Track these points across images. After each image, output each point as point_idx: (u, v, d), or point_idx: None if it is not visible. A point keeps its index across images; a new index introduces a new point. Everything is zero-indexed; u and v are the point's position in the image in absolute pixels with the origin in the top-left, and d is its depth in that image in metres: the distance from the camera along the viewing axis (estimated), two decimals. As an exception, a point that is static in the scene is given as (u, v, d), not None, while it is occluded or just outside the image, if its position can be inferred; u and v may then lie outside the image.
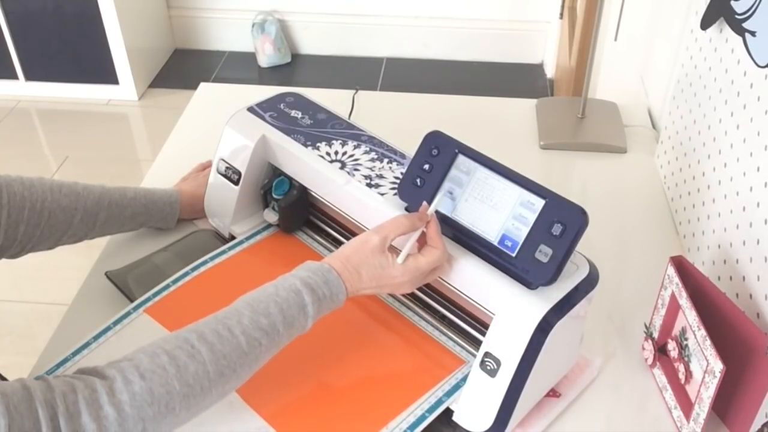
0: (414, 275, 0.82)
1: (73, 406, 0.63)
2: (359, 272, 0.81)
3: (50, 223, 0.93)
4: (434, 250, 0.83)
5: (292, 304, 0.77)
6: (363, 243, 0.82)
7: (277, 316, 0.76)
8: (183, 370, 0.69)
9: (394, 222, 0.83)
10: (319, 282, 0.79)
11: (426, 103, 1.52)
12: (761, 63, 0.89)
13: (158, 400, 0.67)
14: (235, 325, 0.74)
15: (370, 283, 0.82)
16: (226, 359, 0.72)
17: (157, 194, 1.08)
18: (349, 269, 0.81)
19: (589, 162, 1.33)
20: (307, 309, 0.78)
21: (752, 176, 0.91)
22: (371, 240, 0.82)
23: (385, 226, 0.83)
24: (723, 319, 0.83)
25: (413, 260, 0.82)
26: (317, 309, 0.78)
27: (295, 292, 0.78)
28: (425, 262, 0.82)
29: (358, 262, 0.81)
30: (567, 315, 0.78)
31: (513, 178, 0.82)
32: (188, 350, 0.70)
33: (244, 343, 0.73)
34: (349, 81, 2.98)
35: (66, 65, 2.95)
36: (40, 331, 2.06)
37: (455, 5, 3.12)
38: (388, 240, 0.82)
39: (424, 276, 0.84)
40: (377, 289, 0.83)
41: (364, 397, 0.86)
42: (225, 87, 1.59)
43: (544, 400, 0.88)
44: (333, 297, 0.80)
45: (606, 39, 1.88)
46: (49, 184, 0.94)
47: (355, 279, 0.81)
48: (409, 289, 0.85)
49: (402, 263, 0.82)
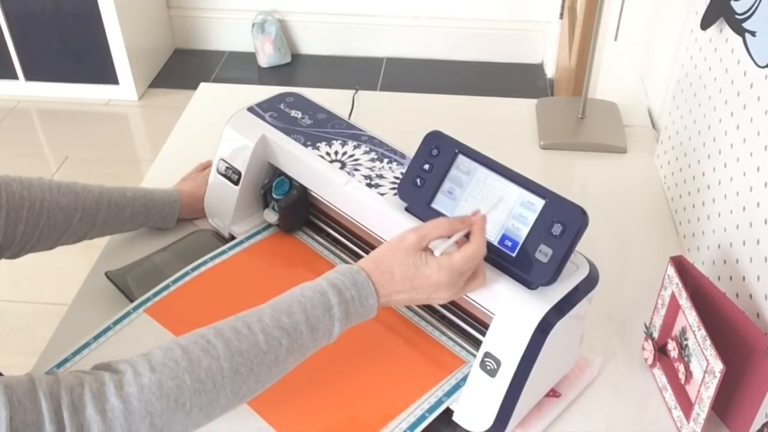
0: (450, 275, 0.77)
1: (79, 399, 0.62)
2: (392, 272, 0.78)
3: (49, 223, 0.93)
4: (470, 244, 0.78)
5: (316, 305, 0.74)
6: (399, 242, 0.79)
7: (300, 315, 0.73)
8: (195, 365, 0.67)
9: (434, 223, 0.80)
10: (347, 283, 0.76)
11: (426, 103, 1.52)
12: (761, 63, 0.89)
13: (167, 394, 0.65)
14: (254, 322, 0.71)
15: (403, 285, 0.78)
16: (242, 356, 0.69)
17: (157, 194, 1.08)
18: (381, 269, 0.78)
19: (589, 162, 1.33)
20: (333, 311, 0.74)
21: (752, 176, 0.91)
22: (408, 238, 0.79)
23: (424, 225, 0.80)
24: (723, 319, 0.83)
25: (447, 257, 0.77)
26: (344, 312, 0.75)
27: (321, 293, 0.75)
28: (460, 257, 0.77)
29: (392, 261, 0.78)
30: (567, 315, 0.78)
31: (513, 178, 0.82)
32: (203, 345, 0.68)
33: (263, 341, 0.70)
34: (349, 81, 2.98)
35: (66, 65, 2.95)
36: (40, 331, 2.06)
37: (455, 5, 3.12)
38: (425, 239, 0.78)
39: (462, 279, 0.78)
40: (412, 293, 0.79)
41: (364, 397, 0.86)
42: (225, 87, 1.59)
43: (544, 400, 0.88)
44: (362, 300, 0.76)
45: (606, 39, 1.88)
46: (48, 183, 0.94)
47: (387, 280, 0.78)
48: (445, 294, 0.79)
49: (436, 259, 0.77)
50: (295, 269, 1.03)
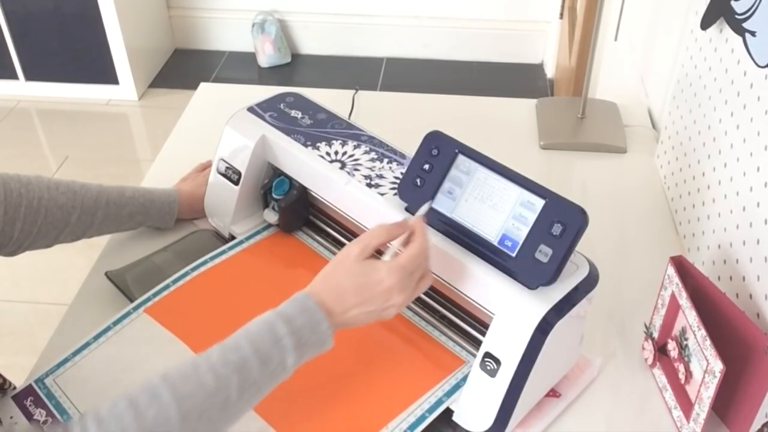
0: (400, 276, 0.76)
1: None
2: (342, 287, 0.76)
3: (47, 221, 0.93)
4: (413, 243, 0.78)
5: (264, 338, 0.71)
6: (343, 257, 0.78)
7: (248, 351, 0.69)
8: (141, 416, 0.63)
9: (374, 231, 0.79)
10: (295, 311, 0.73)
11: (426, 103, 1.52)
12: (761, 63, 0.89)
13: None
14: (202, 363, 0.68)
15: (356, 298, 0.76)
16: (189, 400, 0.66)
17: (156, 194, 1.08)
18: (330, 287, 0.76)
19: (589, 162, 1.33)
20: (282, 342, 0.71)
21: (752, 176, 0.91)
22: (351, 251, 0.77)
23: (364, 236, 0.79)
24: (723, 319, 0.83)
25: (395, 259, 0.77)
26: (296, 342, 0.72)
27: (268, 324, 0.72)
28: (406, 256, 0.77)
29: (340, 275, 0.76)
30: (567, 315, 0.78)
31: (513, 178, 0.82)
32: (150, 393, 0.65)
33: (211, 380, 0.67)
34: (349, 81, 2.98)
35: (66, 65, 2.95)
36: (40, 331, 2.06)
37: (455, 5, 3.12)
38: (368, 248, 0.77)
39: (413, 279, 0.78)
40: (366, 305, 0.76)
41: (364, 397, 0.86)
42: (225, 87, 1.59)
43: (544, 400, 0.88)
44: (314, 327, 0.73)
45: (606, 39, 1.88)
46: (46, 182, 0.94)
47: (338, 296, 0.75)
48: (399, 299, 0.77)
49: (385, 263, 0.77)
50: (295, 269, 1.03)
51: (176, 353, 0.89)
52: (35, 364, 0.92)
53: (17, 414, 0.85)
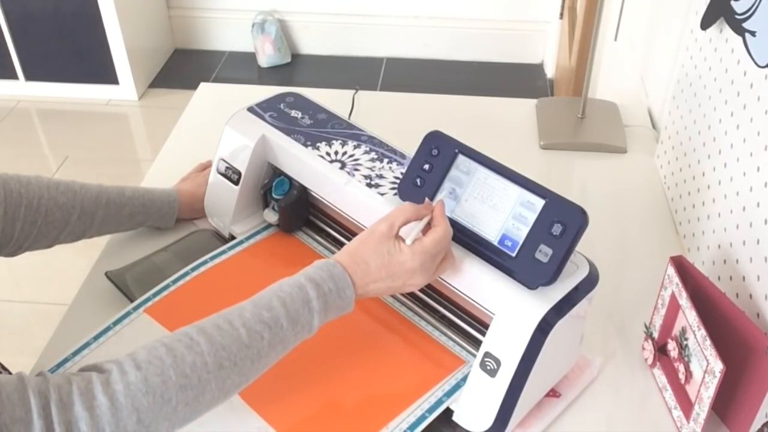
0: (423, 259, 0.80)
1: (67, 396, 0.63)
2: (367, 263, 0.80)
3: (47, 221, 0.93)
4: (437, 227, 0.81)
5: (295, 299, 0.76)
6: (370, 233, 0.81)
7: (280, 310, 0.75)
8: (180, 361, 0.68)
9: (400, 209, 0.82)
10: (324, 276, 0.78)
11: (426, 103, 1.52)
12: (761, 63, 0.89)
13: (153, 390, 0.66)
14: (236, 318, 0.73)
15: (379, 274, 0.80)
16: (225, 350, 0.71)
17: (156, 194, 1.08)
18: (357, 261, 0.80)
19: (589, 162, 1.33)
20: (311, 304, 0.76)
21: (752, 176, 0.91)
22: (378, 228, 0.81)
23: (390, 213, 0.82)
24: (723, 319, 0.83)
25: (419, 243, 0.80)
26: (323, 305, 0.77)
27: (299, 287, 0.77)
28: (430, 240, 0.80)
29: (366, 251, 0.80)
30: (567, 315, 0.78)
31: (513, 178, 0.82)
32: (187, 342, 0.70)
33: (245, 335, 0.72)
34: (349, 81, 2.98)
35: (66, 65, 2.95)
36: (40, 331, 2.06)
37: (455, 5, 3.12)
38: (395, 226, 0.81)
39: (434, 262, 0.81)
40: (388, 281, 0.81)
41: (364, 397, 0.86)
42: (225, 87, 1.59)
43: (544, 400, 0.88)
44: (339, 292, 0.78)
45: (606, 39, 1.88)
46: (46, 181, 0.94)
47: (363, 270, 0.80)
48: (420, 279, 0.81)
49: (409, 246, 0.80)
50: (295, 269, 1.02)
51: (176, 353, 0.89)
52: (35, 364, 0.92)
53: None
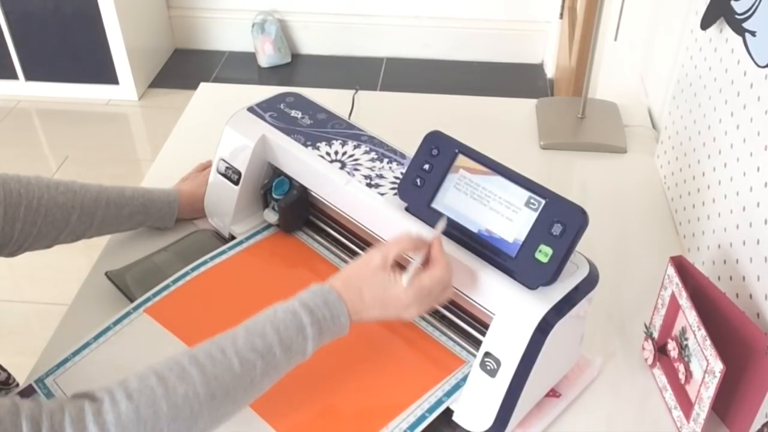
0: (419, 294, 0.79)
1: (59, 425, 0.63)
2: (361, 291, 0.79)
3: (47, 221, 0.93)
4: (437, 266, 0.80)
5: (289, 326, 0.75)
6: (365, 262, 0.80)
7: (273, 337, 0.73)
8: (171, 391, 0.67)
9: (396, 239, 0.81)
10: (318, 303, 0.77)
11: (426, 103, 1.52)
12: (761, 63, 0.89)
13: (144, 421, 0.65)
14: (228, 346, 0.72)
15: (373, 304, 0.79)
16: (217, 380, 0.69)
17: (156, 194, 1.08)
18: (351, 288, 0.79)
19: (589, 162, 1.33)
20: (305, 331, 0.75)
21: (752, 176, 0.91)
22: (373, 259, 0.80)
23: (387, 243, 0.81)
24: (723, 319, 0.83)
25: (416, 279, 0.79)
26: (317, 331, 0.76)
27: (293, 313, 0.75)
28: (428, 278, 0.79)
29: (361, 281, 0.79)
30: (567, 315, 0.78)
31: (513, 178, 0.82)
32: (179, 372, 0.68)
33: (237, 364, 0.71)
34: (349, 81, 2.98)
35: (66, 65, 2.95)
36: (40, 331, 2.06)
37: (455, 5, 3.12)
38: (389, 257, 0.79)
39: (431, 297, 0.80)
40: (382, 311, 0.80)
41: (365, 396, 0.86)
42: (225, 87, 1.59)
43: (544, 400, 0.88)
44: (334, 319, 0.77)
45: (606, 39, 1.88)
46: (45, 181, 0.94)
47: (357, 298, 0.79)
48: (414, 311, 0.80)
49: (405, 280, 0.79)
50: (295, 269, 1.03)
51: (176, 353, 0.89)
52: (35, 364, 0.92)
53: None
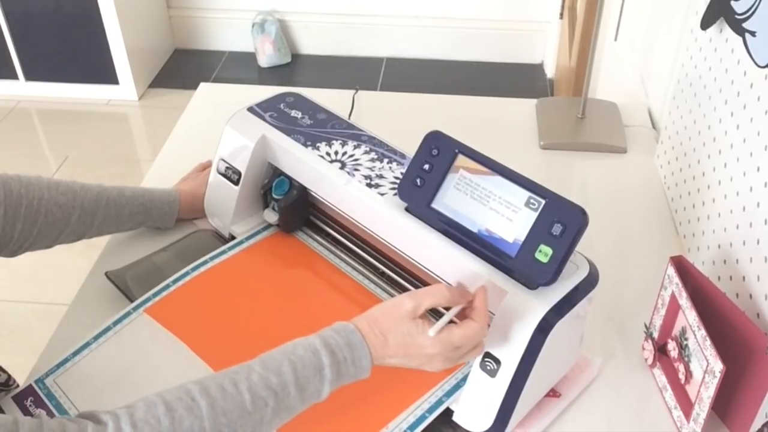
0: (445, 348, 0.74)
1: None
2: (386, 337, 0.75)
3: (47, 221, 0.93)
4: (472, 323, 0.75)
5: (307, 365, 0.71)
6: (394, 306, 0.76)
7: (290, 376, 0.70)
8: (178, 424, 0.65)
9: (433, 290, 0.77)
10: (341, 343, 0.73)
11: (426, 103, 1.52)
12: (761, 63, 0.89)
13: None
14: (242, 380, 0.69)
15: (396, 351, 0.75)
16: (226, 416, 0.67)
17: (156, 194, 1.08)
18: (376, 332, 0.75)
19: (589, 162, 1.33)
20: (324, 371, 0.72)
21: (752, 176, 0.91)
22: (404, 304, 0.76)
23: (421, 292, 0.77)
24: (723, 319, 0.83)
25: (447, 331, 0.75)
26: (336, 373, 0.72)
27: (313, 352, 0.72)
28: (460, 335, 0.74)
29: (387, 325, 0.75)
30: (567, 315, 0.78)
31: (513, 178, 0.82)
32: (188, 403, 0.66)
33: (249, 401, 0.68)
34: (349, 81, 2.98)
35: (66, 65, 2.95)
36: (40, 331, 2.06)
37: (455, 5, 3.12)
38: (421, 308, 0.75)
39: (459, 353, 0.76)
40: (405, 359, 0.76)
41: (364, 397, 0.86)
42: (225, 87, 1.59)
43: (544, 400, 0.88)
44: (355, 362, 0.73)
45: (606, 39, 1.88)
46: (46, 182, 0.94)
47: (381, 344, 0.75)
48: (439, 365, 0.76)
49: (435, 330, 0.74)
50: (295, 269, 1.03)
51: (176, 353, 0.89)
52: (35, 364, 0.92)
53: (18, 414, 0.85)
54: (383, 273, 0.99)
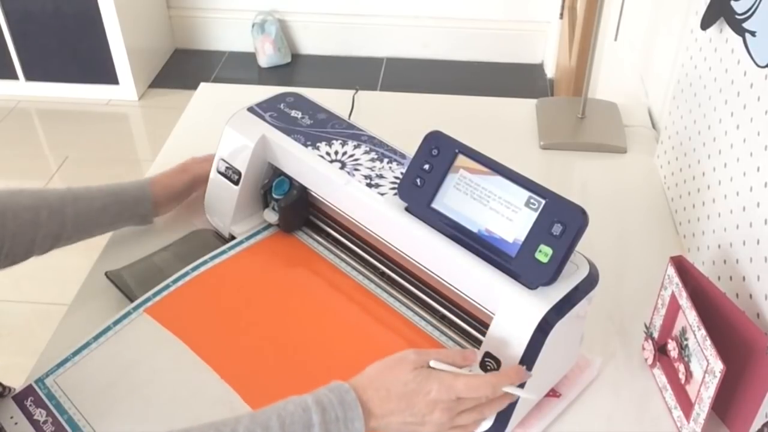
0: (449, 396, 0.73)
1: None
2: (388, 389, 0.73)
3: (17, 223, 0.93)
4: (481, 376, 0.75)
5: (296, 421, 0.70)
6: (398, 359, 0.76)
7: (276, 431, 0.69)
8: None
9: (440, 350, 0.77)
10: (333, 402, 0.72)
11: (426, 103, 1.52)
12: (761, 63, 0.89)
13: None
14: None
15: (399, 404, 0.73)
16: None
17: (126, 183, 1.05)
18: (376, 386, 0.74)
19: (589, 162, 1.33)
20: (312, 430, 0.70)
21: (752, 176, 0.91)
22: (408, 356, 0.76)
23: (425, 351, 0.77)
24: (723, 319, 0.83)
25: (452, 377, 0.74)
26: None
27: (304, 409, 0.70)
28: (464, 382, 0.74)
29: (390, 378, 0.74)
30: (567, 315, 0.78)
31: (513, 178, 0.82)
32: None
33: None
34: (349, 81, 2.98)
35: (66, 65, 2.95)
36: (40, 331, 2.06)
37: (455, 5, 3.12)
38: (426, 359, 0.76)
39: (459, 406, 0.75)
40: (406, 414, 0.74)
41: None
42: (225, 87, 1.59)
43: (544, 400, 0.88)
44: (347, 422, 0.71)
45: (606, 39, 1.88)
46: (9, 189, 0.94)
47: (383, 398, 0.73)
48: (438, 418, 0.74)
49: (439, 376, 0.74)
50: (295, 269, 1.03)
51: (176, 353, 0.89)
52: (35, 364, 0.92)
53: (18, 414, 0.85)
54: (383, 273, 0.99)
